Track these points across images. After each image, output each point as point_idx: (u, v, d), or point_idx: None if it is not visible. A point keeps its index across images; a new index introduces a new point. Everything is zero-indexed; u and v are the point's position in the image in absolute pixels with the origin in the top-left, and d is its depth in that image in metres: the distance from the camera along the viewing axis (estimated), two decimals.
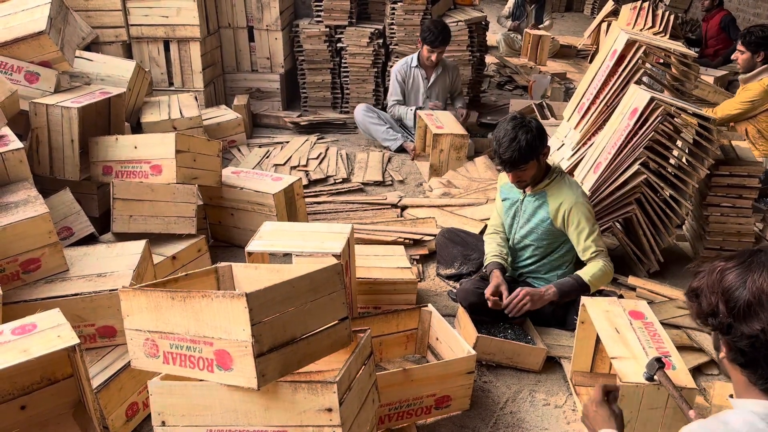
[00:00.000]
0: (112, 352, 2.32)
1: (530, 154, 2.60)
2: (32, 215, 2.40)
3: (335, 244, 2.52)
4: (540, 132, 2.64)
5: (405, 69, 4.98)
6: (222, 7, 5.51)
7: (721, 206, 3.43)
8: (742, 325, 1.18)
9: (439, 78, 4.97)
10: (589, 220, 2.72)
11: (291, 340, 1.76)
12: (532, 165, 2.66)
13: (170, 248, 3.05)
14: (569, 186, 2.75)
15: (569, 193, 2.72)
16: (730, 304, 1.19)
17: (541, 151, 2.65)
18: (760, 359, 1.18)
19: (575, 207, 2.70)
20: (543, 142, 2.65)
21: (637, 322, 2.34)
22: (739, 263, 1.22)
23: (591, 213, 2.75)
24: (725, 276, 1.22)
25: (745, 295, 1.18)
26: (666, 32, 4.67)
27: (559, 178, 2.77)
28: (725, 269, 1.23)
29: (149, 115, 4.18)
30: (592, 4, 11.53)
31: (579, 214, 2.70)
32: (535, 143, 2.59)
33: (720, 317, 1.21)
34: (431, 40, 4.72)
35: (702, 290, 1.27)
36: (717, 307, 1.22)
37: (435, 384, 2.32)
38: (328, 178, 4.51)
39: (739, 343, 1.20)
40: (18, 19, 3.35)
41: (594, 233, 2.73)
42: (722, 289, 1.22)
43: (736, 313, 1.19)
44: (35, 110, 3.15)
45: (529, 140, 2.58)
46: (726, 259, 1.26)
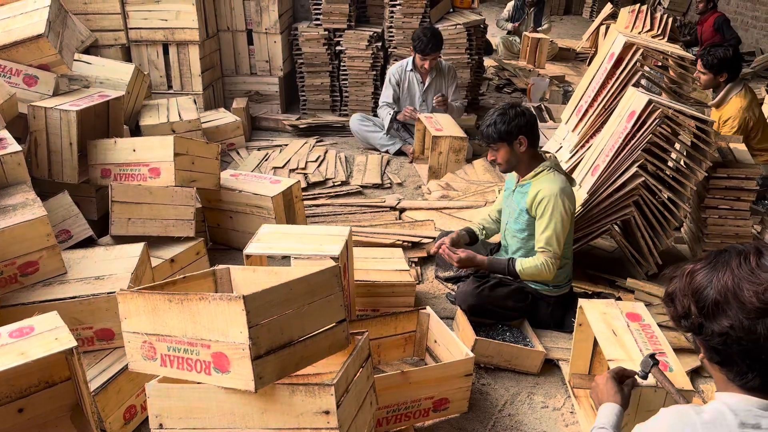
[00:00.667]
0: (110, 354, 2.31)
1: (497, 137, 2.74)
2: (30, 218, 2.40)
3: (333, 247, 2.53)
4: (514, 120, 2.72)
5: (400, 72, 4.97)
6: (221, 11, 5.52)
7: (719, 208, 3.43)
8: (713, 324, 1.20)
9: (434, 81, 4.97)
10: (555, 216, 2.70)
11: (288, 342, 1.76)
12: (503, 148, 2.77)
13: (169, 251, 3.05)
14: (554, 180, 2.74)
15: (551, 185, 2.73)
16: (700, 304, 1.22)
17: (510, 139, 2.73)
18: (734, 356, 1.20)
19: (550, 199, 2.70)
20: (514, 132, 2.72)
21: (634, 324, 2.34)
22: (706, 264, 1.25)
23: (563, 212, 2.71)
24: (694, 277, 1.25)
25: (712, 294, 1.20)
26: (664, 35, 4.68)
27: (546, 172, 2.78)
28: (694, 270, 1.26)
29: (148, 118, 4.18)
30: (590, 7, 11.55)
31: (550, 207, 2.70)
32: (503, 129, 2.72)
33: (692, 318, 1.24)
34: (421, 48, 4.71)
35: (675, 294, 1.29)
36: (689, 309, 1.25)
37: (433, 386, 2.31)
38: (326, 181, 4.51)
39: (711, 342, 1.22)
40: (17, 22, 3.35)
41: (552, 230, 2.71)
42: (692, 290, 1.24)
43: (705, 313, 1.21)
44: (34, 113, 3.15)
45: (497, 124, 2.73)
46: (696, 261, 1.29)
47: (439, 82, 4.99)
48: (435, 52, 4.76)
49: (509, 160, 2.79)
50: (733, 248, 1.24)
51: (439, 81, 4.99)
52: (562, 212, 2.70)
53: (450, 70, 5.06)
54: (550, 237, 2.72)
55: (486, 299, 2.80)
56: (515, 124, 2.72)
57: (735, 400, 1.20)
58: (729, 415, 1.18)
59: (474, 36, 5.70)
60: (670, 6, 9.85)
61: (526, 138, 2.74)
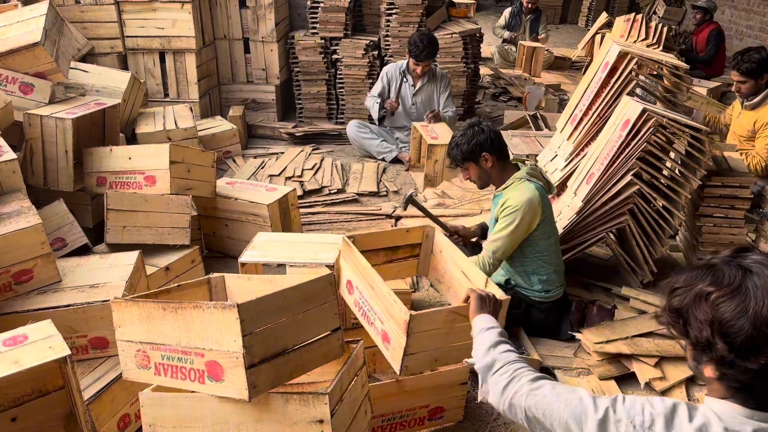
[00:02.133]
0: (104, 363, 2.31)
1: (462, 157, 2.81)
2: (25, 226, 2.39)
3: (328, 255, 2.53)
4: (476, 139, 2.76)
5: (394, 72, 5.00)
6: (218, 19, 5.53)
7: (714, 217, 3.44)
8: (746, 361, 1.12)
9: (425, 86, 4.99)
10: (510, 225, 2.71)
11: (283, 351, 1.76)
12: (471, 167, 2.84)
13: (164, 259, 3.05)
14: (523, 191, 2.75)
15: (520, 194, 2.73)
16: (729, 339, 1.12)
17: (476, 157, 2.78)
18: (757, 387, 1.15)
19: (512, 208, 2.72)
20: (477, 150, 2.77)
21: None
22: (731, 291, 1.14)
23: (520, 223, 2.71)
24: (720, 307, 1.14)
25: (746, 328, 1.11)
26: (659, 44, 4.71)
27: (517, 183, 2.79)
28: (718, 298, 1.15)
29: (144, 126, 4.19)
30: (586, 17, 11.60)
31: (508, 213, 2.73)
32: (466, 149, 2.78)
33: (719, 352, 1.15)
34: (416, 54, 4.74)
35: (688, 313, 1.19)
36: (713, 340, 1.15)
37: (428, 395, 2.31)
38: (323, 189, 4.51)
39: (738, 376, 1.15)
40: (13, 30, 3.36)
41: (503, 237, 2.73)
42: (718, 321, 1.14)
43: (737, 349, 1.12)
44: (29, 121, 3.15)
45: (460, 145, 2.79)
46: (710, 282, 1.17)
47: (430, 87, 5.00)
48: (429, 59, 4.79)
49: (481, 176, 2.86)
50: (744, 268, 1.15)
51: (431, 86, 5.00)
52: (518, 223, 2.71)
53: (443, 77, 5.07)
54: (496, 241, 2.76)
55: None
56: (476, 142, 2.77)
57: (721, 407, 1.18)
58: (715, 421, 1.17)
59: (470, 45, 5.73)
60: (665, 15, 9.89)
61: (490, 154, 2.78)
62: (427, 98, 5.03)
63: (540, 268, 2.87)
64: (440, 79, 5.04)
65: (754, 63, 3.97)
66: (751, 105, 4.12)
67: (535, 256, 2.84)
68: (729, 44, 8.11)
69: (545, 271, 2.88)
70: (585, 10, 11.71)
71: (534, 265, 2.86)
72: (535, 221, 2.77)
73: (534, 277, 2.88)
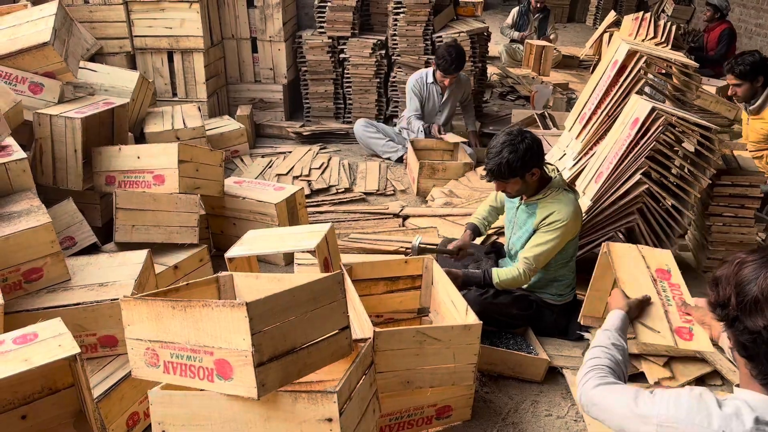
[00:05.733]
0: (113, 361, 2.32)
1: (509, 172, 2.62)
2: (35, 225, 2.41)
3: (311, 242, 2.51)
4: (528, 154, 2.60)
5: (421, 84, 4.94)
6: (225, 19, 5.54)
7: (724, 216, 3.42)
8: (747, 320, 1.19)
9: (452, 92, 4.98)
10: (556, 239, 2.67)
11: (291, 349, 1.76)
12: (515, 182, 2.68)
13: (172, 258, 3.06)
14: (566, 203, 2.71)
15: (564, 207, 2.69)
16: (740, 298, 1.21)
17: (523, 172, 2.64)
18: (761, 355, 1.20)
19: (560, 221, 2.67)
20: (528, 164, 2.62)
21: (662, 283, 2.21)
22: (758, 258, 1.23)
23: (564, 234, 2.68)
24: (742, 269, 1.23)
25: (754, 290, 1.19)
26: (668, 42, 4.68)
27: (555, 194, 2.73)
28: (744, 262, 1.24)
29: (152, 126, 4.20)
30: (594, 15, 11.56)
31: (555, 226, 2.67)
32: (516, 164, 2.60)
33: (729, 309, 1.23)
34: (445, 67, 4.68)
35: (720, 280, 1.28)
36: (729, 299, 1.23)
37: (436, 394, 2.31)
38: (330, 188, 4.52)
39: (741, 337, 1.21)
40: (23, 30, 3.38)
41: (543, 247, 2.69)
42: (736, 281, 1.23)
43: (743, 307, 1.20)
44: (39, 121, 3.17)
45: (510, 160, 2.59)
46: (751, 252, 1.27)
47: (456, 92, 5.01)
48: (458, 72, 4.77)
49: (520, 190, 2.73)
50: None
51: (457, 92, 5.01)
52: (563, 234, 2.68)
53: (467, 80, 5.13)
54: (539, 254, 2.70)
55: (490, 306, 2.79)
56: (528, 157, 2.61)
57: (753, 398, 1.21)
58: (746, 410, 1.18)
59: (477, 44, 5.72)
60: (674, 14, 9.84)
61: (538, 169, 2.68)
62: (453, 104, 5.04)
63: (563, 275, 2.88)
64: (464, 82, 5.06)
65: (747, 65, 3.98)
66: (755, 110, 4.12)
67: (562, 264, 2.85)
68: (739, 43, 8.06)
69: (565, 278, 2.89)
70: (593, 9, 11.67)
71: (560, 271, 2.87)
72: (576, 232, 2.76)
73: (554, 283, 2.88)
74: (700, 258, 3.59)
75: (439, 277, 2.64)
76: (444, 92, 4.96)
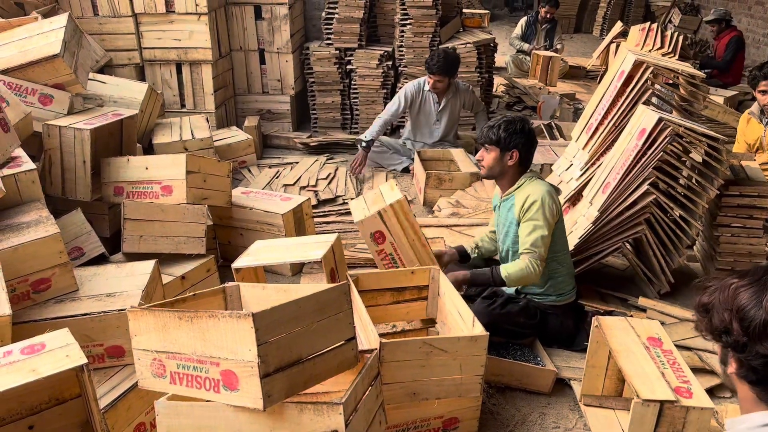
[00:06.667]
0: (120, 372, 2.32)
1: (494, 139, 2.78)
2: (43, 235, 2.42)
3: (317, 252, 2.52)
4: (517, 132, 2.76)
5: (416, 90, 4.98)
6: (234, 31, 5.59)
7: (732, 226, 3.40)
8: (758, 345, 1.17)
9: (449, 102, 4.99)
10: (540, 218, 2.71)
11: (297, 360, 1.76)
12: (494, 152, 2.80)
13: (179, 268, 3.07)
14: (540, 184, 2.79)
15: (537, 188, 2.75)
16: (745, 323, 1.18)
17: (505, 146, 2.77)
18: None
19: (536, 200, 2.72)
20: (511, 141, 2.76)
21: (655, 349, 2.31)
22: (753, 281, 1.21)
23: (548, 214, 2.72)
24: (739, 294, 1.21)
25: (760, 314, 1.17)
26: (675, 53, 4.68)
27: (528, 181, 2.81)
28: (739, 287, 1.22)
29: (161, 137, 4.23)
30: (601, 26, 11.58)
31: (535, 208, 2.71)
32: (503, 135, 2.76)
33: (734, 335, 1.20)
34: (428, 66, 4.79)
35: (713, 306, 1.25)
36: (730, 325, 1.20)
37: (443, 405, 2.30)
38: (336, 198, 4.52)
39: (753, 362, 1.19)
40: (33, 42, 3.41)
41: (536, 231, 2.71)
42: (736, 307, 1.20)
43: (751, 333, 1.17)
44: (48, 132, 3.19)
45: (500, 129, 2.77)
46: (739, 276, 1.25)
47: (454, 102, 5.01)
48: (440, 74, 4.75)
49: (493, 167, 2.83)
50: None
51: (455, 101, 5.01)
52: (547, 214, 2.71)
53: (466, 90, 5.11)
54: (536, 239, 2.71)
55: (498, 317, 2.78)
56: (514, 134, 2.77)
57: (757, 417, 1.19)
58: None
59: (484, 54, 5.74)
60: (681, 24, 9.84)
61: (518, 154, 2.78)
62: (451, 114, 5.04)
63: (555, 270, 2.86)
64: (463, 92, 5.06)
65: None
66: None
67: (552, 258, 2.83)
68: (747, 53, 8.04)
69: (559, 273, 2.87)
70: (599, 20, 11.68)
71: (550, 267, 2.85)
72: (555, 214, 2.77)
73: (549, 281, 2.87)
74: (708, 269, 3.57)
75: (445, 287, 2.64)
76: (441, 101, 4.97)
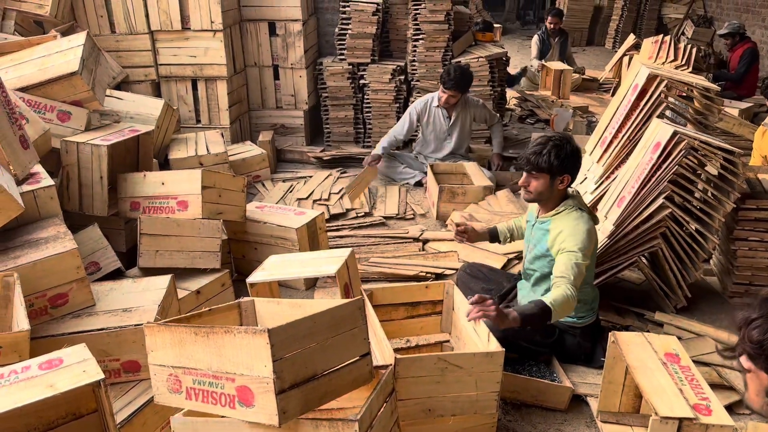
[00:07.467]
0: (136, 387, 2.33)
1: (545, 167, 2.62)
2: (61, 251, 2.44)
3: (332, 267, 2.53)
4: (568, 157, 2.62)
5: (424, 108, 5.00)
6: (248, 47, 5.65)
7: (749, 240, 3.37)
8: None
9: (459, 116, 5.00)
10: (577, 250, 2.55)
11: (312, 376, 1.76)
12: (543, 179, 2.65)
13: (194, 283, 3.08)
14: (579, 220, 2.65)
15: (575, 224, 2.63)
16: None
17: (557, 172, 2.63)
18: None
19: (574, 234, 2.59)
20: (563, 167, 2.63)
21: (673, 366, 2.28)
22: None
23: (585, 247, 2.58)
24: None
25: None
26: (688, 65, 4.66)
27: (569, 211, 2.69)
28: None
29: (177, 152, 4.27)
30: (613, 38, 11.57)
31: (572, 239, 2.58)
32: (553, 161, 2.60)
33: None
34: (443, 81, 4.80)
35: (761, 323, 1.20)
36: None
37: (458, 422, 2.28)
38: (348, 212, 4.53)
39: None
40: (52, 60, 3.47)
41: (573, 261, 2.54)
42: None
43: None
44: (66, 148, 3.24)
45: (551, 155, 2.60)
46: None
47: (464, 117, 5.02)
48: (455, 90, 4.78)
49: (542, 192, 2.69)
50: None
51: (464, 115, 5.02)
52: (582, 244, 2.59)
53: (476, 103, 5.12)
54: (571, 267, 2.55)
55: (514, 334, 2.74)
56: (567, 161, 2.62)
57: None
58: None
59: (496, 68, 5.75)
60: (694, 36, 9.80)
61: (570, 178, 2.68)
62: (462, 129, 5.05)
63: (584, 294, 2.81)
64: (473, 106, 5.07)
65: None
66: None
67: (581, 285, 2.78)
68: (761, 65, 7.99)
69: (582, 297, 2.83)
70: (612, 32, 11.68)
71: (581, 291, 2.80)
72: (593, 250, 2.69)
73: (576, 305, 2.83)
74: (725, 283, 3.53)
75: (460, 302, 2.63)
76: (451, 115, 4.98)
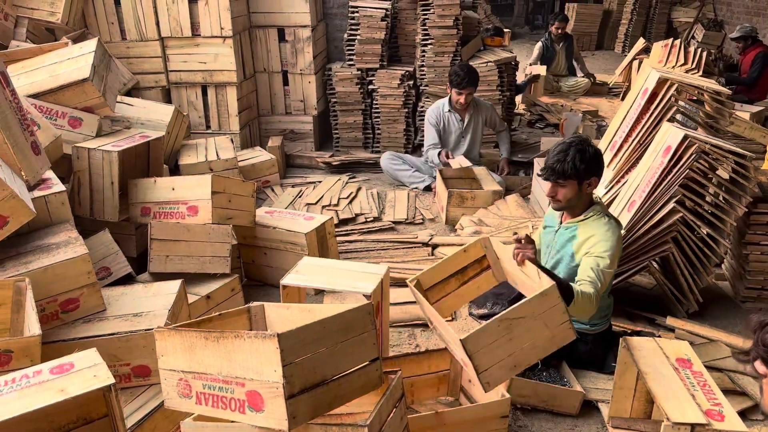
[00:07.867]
0: (146, 391, 2.34)
1: (571, 172, 2.56)
2: (72, 256, 2.46)
3: (368, 285, 2.51)
4: (593, 159, 2.58)
5: (438, 113, 5.00)
6: (258, 53, 5.68)
7: (761, 244, 3.34)
8: None
9: (472, 118, 5.00)
10: (606, 257, 2.53)
11: (322, 381, 1.76)
12: (571, 185, 2.60)
13: (205, 287, 3.09)
14: (608, 225, 2.62)
15: (605, 231, 2.59)
16: None
17: (584, 176, 2.58)
18: None
19: (604, 240, 2.56)
20: (590, 170, 2.58)
21: (684, 371, 2.26)
22: None
23: (614, 255, 2.56)
24: None
25: None
26: (699, 69, 4.64)
27: (597, 217, 2.66)
28: None
29: (187, 158, 4.29)
30: (623, 42, 11.53)
31: (602, 245, 2.55)
32: (579, 165, 2.55)
33: None
34: (458, 82, 4.77)
35: None
36: None
37: (468, 428, 2.27)
38: (356, 217, 4.54)
39: None
40: (63, 67, 3.50)
41: (601, 268, 2.51)
42: None
43: None
44: (78, 154, 3.26)
45: (575, 159, 2.55)
46: None
47: (476, 118, 5.02)
48: (471, 86, 4.80)
49: (571, 199, 2.63)
50: None
51: (477, 117, 5.02)
52: (611, 251, 2.56)
53: (486, 105, 5.14)
54: (599, 274, 2.52)
55: None
56: (592, 163, 2.58)
57: None
58: None
59: (505, 73, 5.74)
60: (704, 39, 9.76)
61: (597, 179, 2.64)
62: (475, 130, 5.06)
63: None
64: (484, 108, 5.08)
65: None
66: None
67: None
68: None
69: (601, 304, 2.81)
70: (621, 36, 11.64)
71: None
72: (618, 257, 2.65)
73: None
74: (737, 287, 3.50)
75: (501, 251, 2.61)
76: (463, 118, 4.98)
